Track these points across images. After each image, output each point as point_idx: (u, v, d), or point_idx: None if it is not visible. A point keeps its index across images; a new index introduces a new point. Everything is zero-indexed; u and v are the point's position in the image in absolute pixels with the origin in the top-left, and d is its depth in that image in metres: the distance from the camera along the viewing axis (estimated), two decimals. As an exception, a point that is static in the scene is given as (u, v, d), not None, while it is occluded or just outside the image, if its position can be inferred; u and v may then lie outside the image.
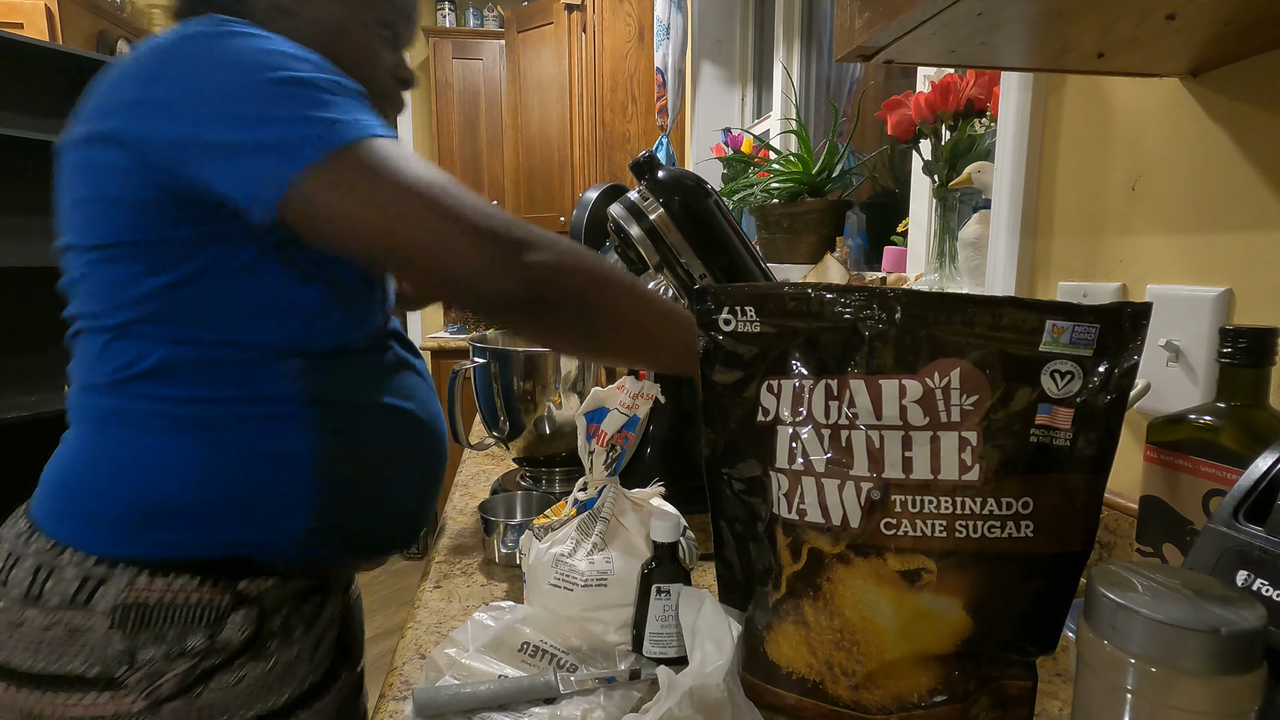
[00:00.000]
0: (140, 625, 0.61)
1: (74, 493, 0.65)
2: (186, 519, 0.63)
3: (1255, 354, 0.50)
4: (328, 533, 0.69)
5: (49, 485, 0.67)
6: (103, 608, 0.61)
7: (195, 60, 0.58)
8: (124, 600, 0.61)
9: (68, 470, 0.66)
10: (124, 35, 3.51)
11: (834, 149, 1.59)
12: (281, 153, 0.56)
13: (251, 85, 0.57)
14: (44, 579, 0.62)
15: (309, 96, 0.57)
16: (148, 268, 0.61)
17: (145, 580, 0.62)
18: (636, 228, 0.82)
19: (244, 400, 0.64)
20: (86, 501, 0.64)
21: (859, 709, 0.46)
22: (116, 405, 0.64)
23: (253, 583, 0.66)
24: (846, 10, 0.59)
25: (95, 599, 0.61)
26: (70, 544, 0.63)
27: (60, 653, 0.61)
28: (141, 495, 0.63)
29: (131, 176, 0.60)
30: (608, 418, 0.61)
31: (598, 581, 0.59)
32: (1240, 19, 0.51)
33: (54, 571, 0.62)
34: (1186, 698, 0.33)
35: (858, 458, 0.46)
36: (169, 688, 0.62)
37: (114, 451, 0.64)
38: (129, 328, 0.63)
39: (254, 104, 0.57)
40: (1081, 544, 0.44)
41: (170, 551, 0.63)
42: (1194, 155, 0.66)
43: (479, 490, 1.03)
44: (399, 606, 2.79)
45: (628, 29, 2.98)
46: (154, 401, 0.63)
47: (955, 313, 0.45)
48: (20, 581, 0.62)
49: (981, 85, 1.03)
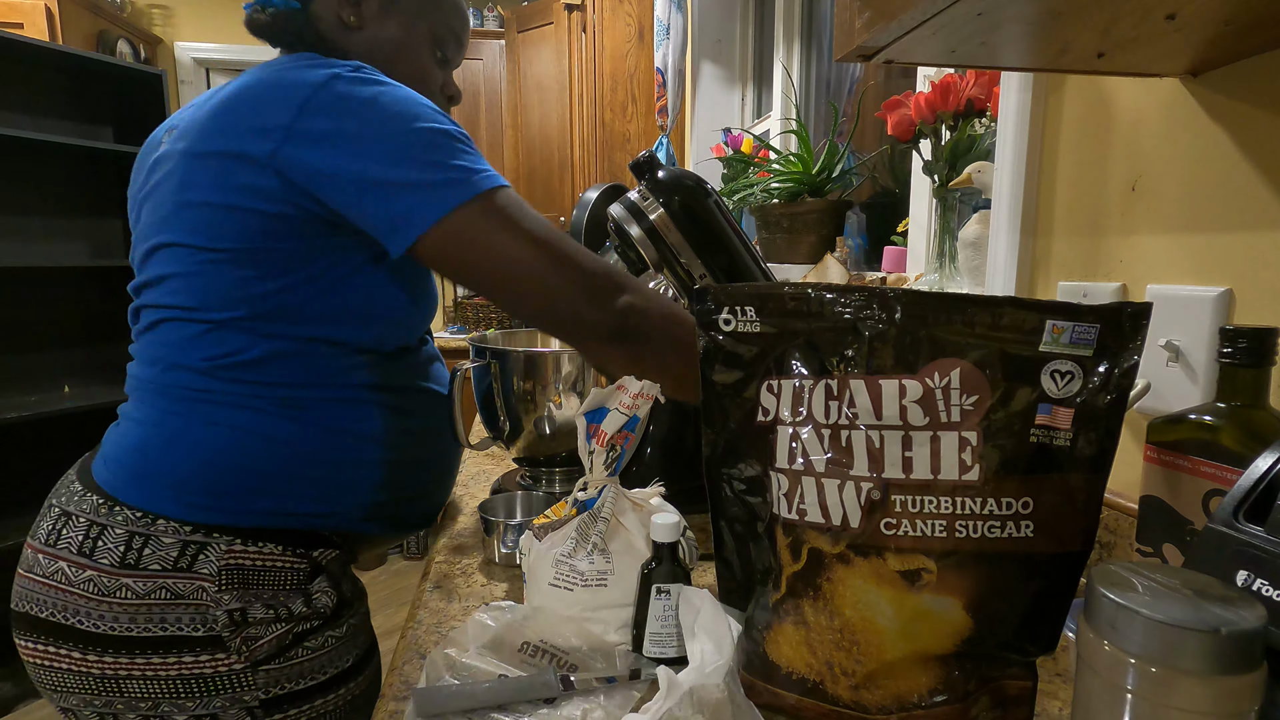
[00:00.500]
0: (244, 586, 0.68)
1: (164, 465, 0.69)
2: (276, 490, 0.70)
3: (1255, 354, 0.50)
4: (382, 506, 0.77)
5: (127, 458, 0.71)
6: (208, 571, 0.67)
7: (347, 102, 0.64)
8: (226, 563, 0.67)
9: (153, 441, 0.71)
10: (124, 35, 3.51)
11: (834, 149, 1.59)
12: (431, 194, 0.64)
13: (405, 132, 0.64)
14: (139, 546, 0.66)
15: (450, 146, 0.66)
16: (260, 272, 0.68)
17: (240, 546, 0.68)
18: (636, 228, 0.82)
19: (331, 386, 0.72)
20: (177, 470, 0.69)
21: (859, 709, 0.46)
22: (210, 386, 0.70)
23: (323, 553, 0.74)
24: (846, 10, 0.59)
25: (198, 563, 0.67)
26: (163, 514, 0.68)
27: (162, 615, 0.66)
28: (238, 467, 0.69)
29: (270, 195, 0.66)
30: (608, 418, 0.61)
31: (598, 581, 0.59)
32: (1240, 19, 0.51)
33: (149, 539, 0.67)
34: (1186, 698, 0.33)
35: (858, 458, 0.46)
36: (266, 649, 0.68)
37: (209, 427, 0.69)
38: (234, 323, 0.69)
39: (409, 149, 0.64)
40: (1081, 544, 0.44)
41: (258, 520, 0.70)
42: (1194, 155, 0.66)
43: (479, 490, 1.03)
44: (399, 606, 2.79)
45: (628, 29, 2.98)
46: (251, 385, 0.70)
47: (955, 313, 0.45)
48: (112, 550, 0.67)
49: (981, 85, 1.03)
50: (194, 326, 0.70)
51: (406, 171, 0.64)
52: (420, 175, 0.64)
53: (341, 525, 0.75)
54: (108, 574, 0.66)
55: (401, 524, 0.82)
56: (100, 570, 0.66)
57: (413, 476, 0.80)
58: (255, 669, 0.68)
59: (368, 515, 0.76)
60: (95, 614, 0.66)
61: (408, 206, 0.64)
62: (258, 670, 0.68)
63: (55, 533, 0.69)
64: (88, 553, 0.67)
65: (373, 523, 0.77)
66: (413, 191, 0.64)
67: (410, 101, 0.66)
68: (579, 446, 0.63)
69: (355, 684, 0.76)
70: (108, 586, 0.66)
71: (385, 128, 0.64)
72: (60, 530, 0.69)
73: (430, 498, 0.85)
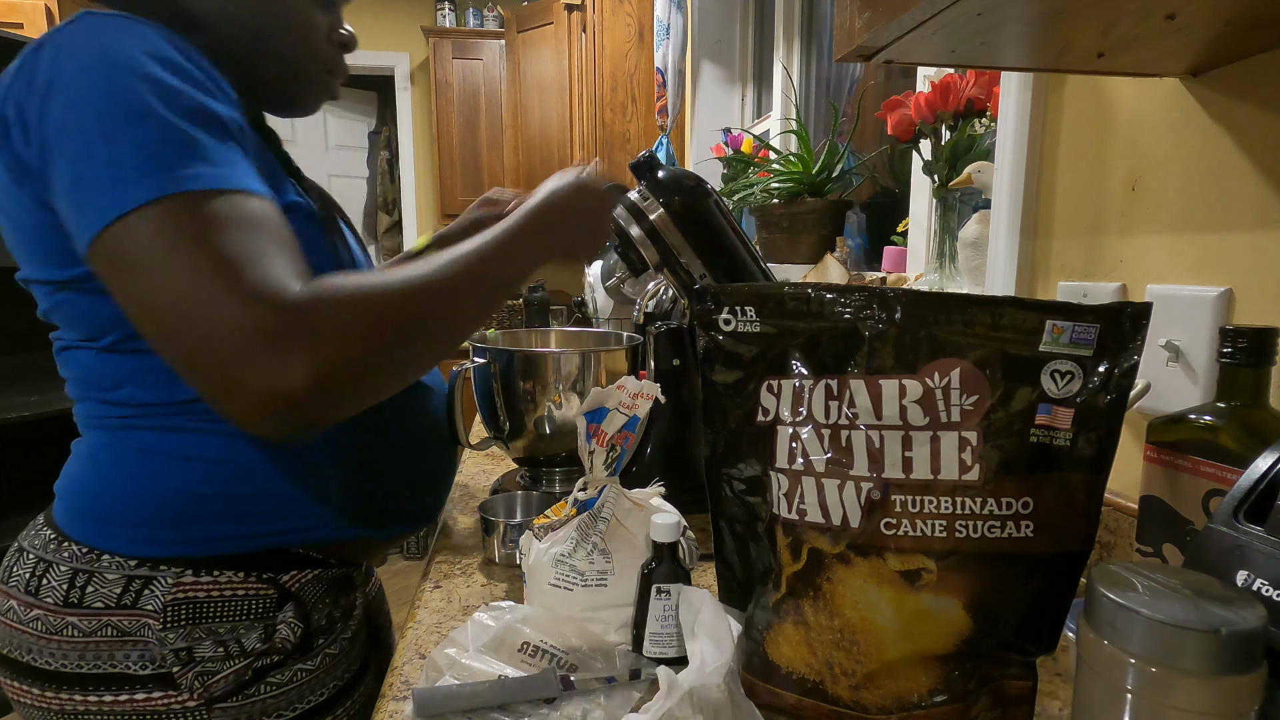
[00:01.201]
0: (193, 622, 0.63)
1: (101, 497, 0.65)
2: (219, 512, 0.64)
3: (1255, 354, 0.50)
4: (355, 511, 0.70)
5: (71, 493, 0.66)
6: (152, 607, 0.62)
7: (59, 64, 0.53)
8: (173, 598, 0.62)
9: (89, 477, 0.66)
10: (124, 35, 3.51)
11: (834, 149, 1.59)
12: (112, 189, 0.51)
13: (103, 111, 0.52)
14: (82, 584, 0.62)
15: (157, 131, 0.52)
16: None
17: (191, 578, 0.63)
18: (636, 228, 0.82)
19: None
20: (117, 505, 0.64)
21: (859, 709, 0.46)
22: (127, 414, 0.64)
23: (294, 576, 0.68)
24: (846, 10, 0.59)
25: (142, 599, 0.62)
26: (108, 549, 0.63)
27: (110, 653, 0.62)
28: (172, 493, 0.63)
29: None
30: (608, 418, 0.61)
31: (598, 581, 0.59)
32: (1240, 19, 0.51)
33: (93, 576, 0.62)
34: (1186, 698, 0.33)
35: (858, 458, 0.46)
36: (222, 687, 0.63)
37: (137, 455, 0.64)
38: (117, 346, 0.62)
39: (103, 131, 0.52)
40: (1081, 544, 0.44)
41: (209, 548, 0.64)
42: (1194, 155, 0.66)
43: (479, 490, 1.03)
44: (399, 606, 2.79)
45: (628, 29, 2.98)
46: (165, 407, 0.63)
47: (955, 313, 0.45)
48: (56, 588, 0.63)
49: (981, 85, 1.03)
50: (87, 354, 0.63)
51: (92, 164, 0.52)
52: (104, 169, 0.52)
53: (322, 536, 0.69)
54: (53, 612, 0.62)
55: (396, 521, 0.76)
56: (45, 609, 0.63)
57: (391, 471, 0.73)
58: (210, 707, 0.63)
59: (351, 519, 0.70)
60: (46, 651, 0.63)
61: (86, 203, 0.52)
62: (213, 708, 0.63)
63: (8, 569, 0.66)
64: (33, 591, 0.63)
65: (359, 526, 0.71)
66: (92, 188, 0.52)
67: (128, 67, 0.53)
68: (579, 446, 0.63)
69: (333, 718, 0.70)
70: (54, 625, 0.62)
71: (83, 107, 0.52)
72: (12, 567, 0.66)
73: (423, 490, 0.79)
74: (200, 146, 0.53)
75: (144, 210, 0.50)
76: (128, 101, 0.52)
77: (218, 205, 0.52)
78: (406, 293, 0.56)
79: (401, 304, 0.56)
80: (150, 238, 0.50)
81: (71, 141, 0.52)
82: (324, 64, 0.73)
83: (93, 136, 0.51)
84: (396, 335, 0.55)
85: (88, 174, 0.52)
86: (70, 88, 0.52)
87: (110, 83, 0.52)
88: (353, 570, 0.76)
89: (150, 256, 0.51)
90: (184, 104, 0.54)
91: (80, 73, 0.53)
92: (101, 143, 0.51)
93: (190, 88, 0.55)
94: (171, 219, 0.51)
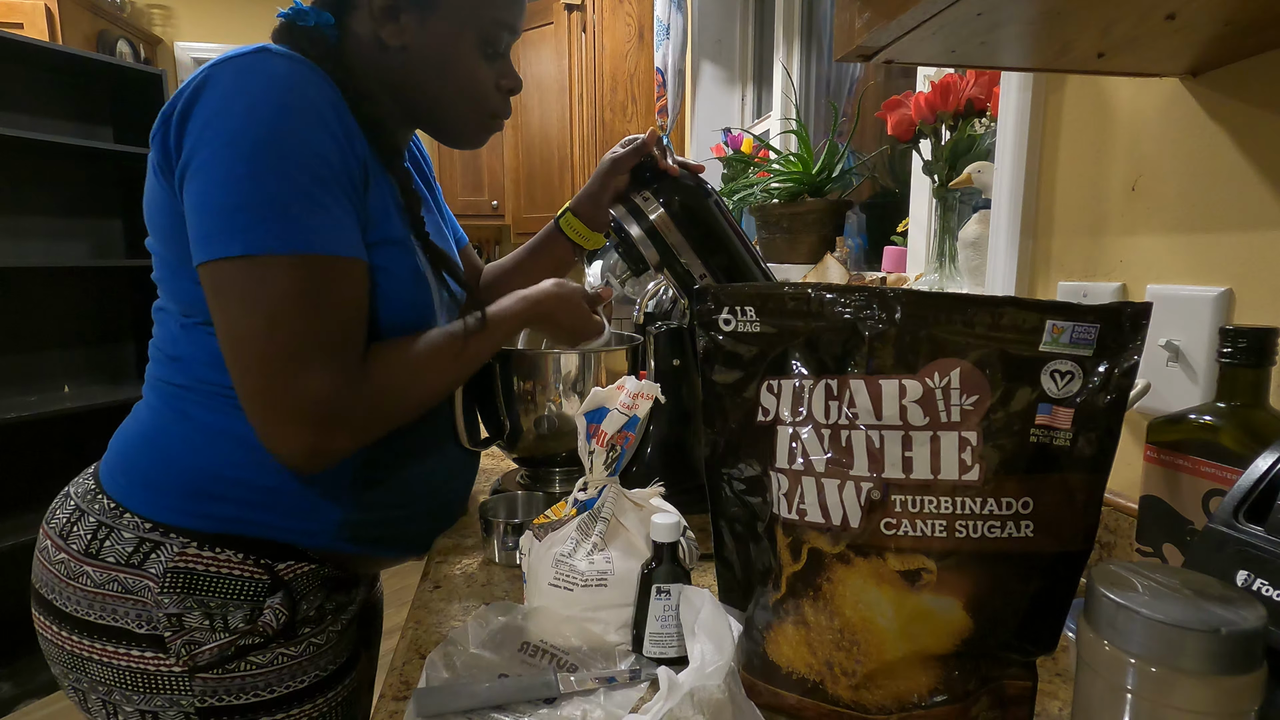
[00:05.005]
0: (187, 591, 0.66)
1: (138, 459, 0.71)
2: (235, 497, 0.68)
3: (1255, 354, 0.50)
4: (360, 526, 0.73)
5: (116, 449, 0.73)
6: (154, 570, 0.66)
7: (230, 102, 0.61)
8: (174, 565, 0.66)
9: (134, 438, 0.72)
10: (124, 35, 3.51)
11: (834, 149, 1.59)
12: (228, 229, 0.60)
13: (243, 154, 0.60)
14: (103, 537, 0.68)
15: (279, 190, 0.60)
16: None
17: (194, 550, 0.67)
18: (636, 228, 0.82)
19: None
20: (148, 469, 0.70)
21: (859, 709, 0.46)
22: (187, 384, 0.70)
23: (291, 567, 0.71)
24: (846, 10, 0.59)
25: (148, 562, 0.67)
26: (130, 508, 0.69)
27: (114, 607, 0.67)
28: (198, 469, 0.68)
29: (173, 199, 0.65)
30: (608, 418, 0.61)
31: (598, 581, 0.59)
32: (1240, 19, 0.51)
33: (113, 531, 0.68)
34: (1186, 698, 0.33)
35: (858, 458, 0.46)
36: (206, 658, 0.67)
37: (180, 425, 0.69)
38: (201, 326, 0.68)
39: (237, 170, 0.60)
40: (1081, 544, 0.44)
41: (220, 526, 0.68)
42: (1194, 155, 0.66)
43: (479, 490, 1.03)
44: (399, 606, 2.79)
45: (628, 29, 2.98)
46: (219, 387, 0.68)
47: (955, 313, 0.45)
48: (81, 537, 0.69)
49: (981, 85, 1.03)
50: (174, 322, 0.71)
51: (222, 197, 0.61)
52: (228, 210, 0.61)
53: (320, 543, 0.72)
54: (74, 559, 0.68)
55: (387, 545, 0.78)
56: (69, 555, 0.69)
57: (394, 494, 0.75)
58: (192, 675, 0.66)
59: (346, 536, 0.72)
60: (64, 593, 0.69)
61: (206, 232, 0.61)
62: (194, 677, 0.66)
63: (54, 510, 0.73)
64: (64, 536, 0.70)
65: (350, 543, 0.73)
66: (219, 218, 0.61)
67: (269, 121, 0.61)
68: (579, 446, 0.63)
69: (313, 706, 0.72)
70: (74, 570, 0.68)
71: (233, 144, 0.61)
72: (56, 509, 0.73)
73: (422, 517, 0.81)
74: (311, 207, 0.61)
75: (238, 261, 0.60)
76: (266, 157, 0.59)
77: (300, 273, 0.61)
78: (431, 386, 0.71)
79: (424, 391, 0.70)
80: (238, 285, 0.60)
81: (206, 173, 0.60)
82: (491, 111, 0.78)
83: (221, 178, 0.59)
84: (418, 410, 0.70)
85: (208, 206, 0.60)
86: (226, 128, 0.60)
87: (259, 135, 0.60)
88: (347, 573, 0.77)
89: (233, 301, 0.61)
90: (314, 165, 0.61)
91: (243, 115, 0.60)
92: (227, 185, 0.59)
93: (328, 139, 0.62)
94: (256, 273, 0.60)
